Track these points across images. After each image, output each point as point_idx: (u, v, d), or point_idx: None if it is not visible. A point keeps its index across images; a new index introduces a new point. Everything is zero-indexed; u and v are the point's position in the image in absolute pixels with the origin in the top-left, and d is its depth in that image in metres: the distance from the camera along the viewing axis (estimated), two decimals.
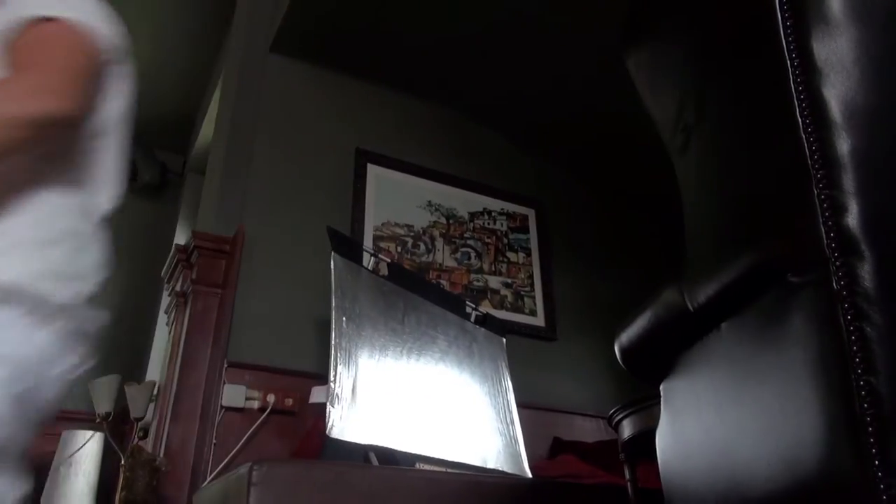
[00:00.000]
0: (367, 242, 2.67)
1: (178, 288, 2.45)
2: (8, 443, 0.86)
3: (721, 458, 0.89)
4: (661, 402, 1.11)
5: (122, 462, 2.07)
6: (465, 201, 3.05)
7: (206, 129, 3.78)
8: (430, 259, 2.83)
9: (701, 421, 0.95)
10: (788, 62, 0.78)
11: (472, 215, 3.04)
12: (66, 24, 0.97)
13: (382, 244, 2.73)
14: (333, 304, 1.92)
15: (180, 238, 3.89)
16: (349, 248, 2.15)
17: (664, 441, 1.09)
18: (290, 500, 1.47)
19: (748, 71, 0.91)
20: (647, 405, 1.59)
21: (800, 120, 0.76)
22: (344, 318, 1.92)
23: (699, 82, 1.03)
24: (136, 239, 4.20)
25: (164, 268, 2.64)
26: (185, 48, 3.82)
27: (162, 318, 3.55)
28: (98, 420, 2.56)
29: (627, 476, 1.68)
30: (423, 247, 2.84)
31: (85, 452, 2.92)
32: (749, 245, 0.84)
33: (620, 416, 1.67)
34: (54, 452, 3.05)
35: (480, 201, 3.09)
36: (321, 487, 1.50)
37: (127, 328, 3.86)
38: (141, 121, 4.00)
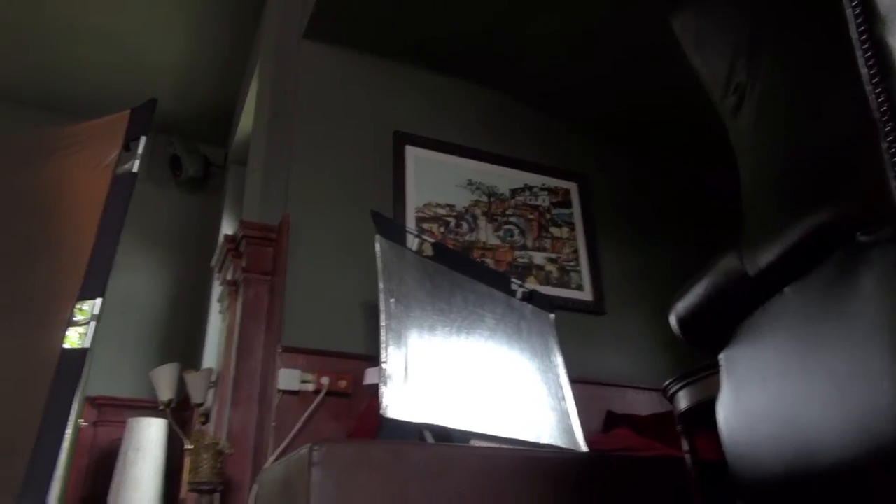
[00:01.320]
0: (410, 224, 2.68)
1: (229, 277, 2.51)
2: None
3: (789, 426, 0.87)
4: (722, 372, 1.08)
5: (187, 446, 2.14)
6: (505, 178, 3.02)
7: (245, 121, 3.83)
8: (474, 238, 2.82)
9: (766, 389, 0.93)
10: (849, 11, 0.75)
11: (514, 192, 3.02)
12: None
13: (425, 225, 2.73)
14: (381, 287, 1.93)
15: (226, 228, 3.97)
16: (393, 230, 2.16)
17: (726, 411, 1.07)
18: (349, 478, 1.50)
19: (804, 23, 0.87)
20: (703, 375, 1.56)
21: (863, 71, 0.72)
22: (392, 300, 1.94)
23: (751, 39, 0.99)
24: (184, 231, 4.31)
25: (215, 258, 2.70)
26: (221, 42, 3.87)
27: (214, 306, 3.65)
28: (161, 407, 2.65)
29: (686, 447, 1.66)
30: (465, 226, 2.83)
31: (150, 438, 3.04)
32: (813, 205, 0.80)
33: (676, 387, 1.64)
34: (121, 439, 3.18)
35: (521, 177, 3.06)
36: (379, 466, 1.53)
37: (182, 318, 3.99)
38: (183, 116, 4.06)
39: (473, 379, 2.06)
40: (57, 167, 2.38)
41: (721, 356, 1.09)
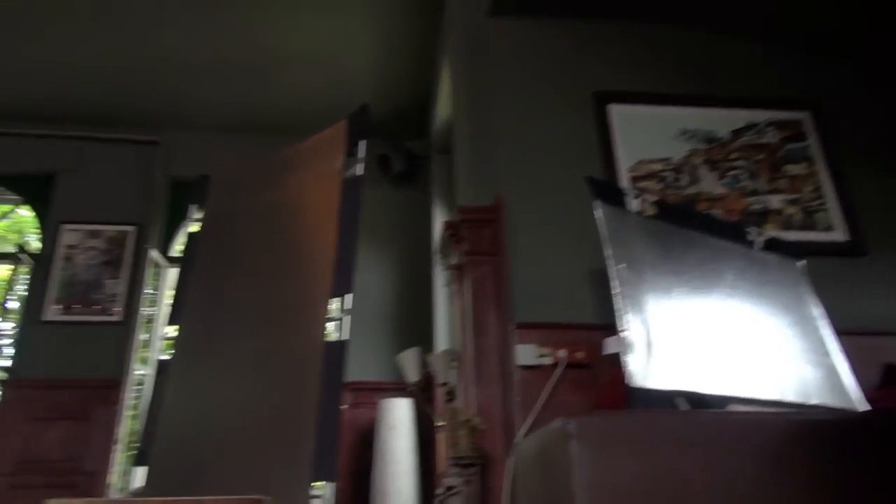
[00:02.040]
0: (624, 186, 2.57)
1: (453, 261, 2.62)
2: None
3: None
4: None
5: (436, 423, 2.28)
6: (723, 120, 2.76)
7: (442, 110, 3.96)
8: (696, 190, 2.62)
9: None
10: None
11: (735, 133, 2.75)
12: None
13: (641, 184, 2.60)
14: (608, 253, 1.88)
15: (438, 216, 4.15)
16: (611, 193, 2.09)
17: None
18: (606, 450, 1.48)
19: None
20: None
21: None
22: (622, 266, 1.87)
23: None
24: (399, 224, 4.60)
25: (436, 244, 2.83)
26: (409, 40, 4.02)
27: (439, 290, 3.85)
28: (409, 388, 2.87)
29: None
30: (685, 179, 2.64)
31: (401, 417, 3.32)
32: None
33: None
34: (374, 419, 3.51)
35: (742, 116, 2.77)
36: (635, 436, 1.49)
37: (410, 304, 4.28)
38: (384, 116, 4.29)
39: (721, 339, 1.92)
40: (295, 182, 2.65)
41: None
